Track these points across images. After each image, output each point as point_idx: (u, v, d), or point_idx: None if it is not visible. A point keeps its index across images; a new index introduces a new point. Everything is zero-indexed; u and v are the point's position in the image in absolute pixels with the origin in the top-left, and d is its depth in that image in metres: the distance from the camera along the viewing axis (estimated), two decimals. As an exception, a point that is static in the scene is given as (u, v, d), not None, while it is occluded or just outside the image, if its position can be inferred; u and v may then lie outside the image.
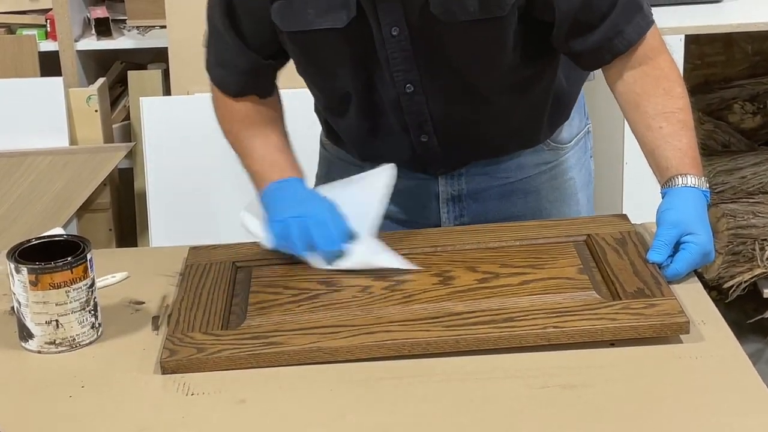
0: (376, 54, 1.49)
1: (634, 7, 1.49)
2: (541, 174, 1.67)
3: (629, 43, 1.49)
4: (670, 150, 1.47)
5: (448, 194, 1.65)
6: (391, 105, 1.54)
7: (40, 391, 1.26)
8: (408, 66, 1.49)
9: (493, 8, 1.43)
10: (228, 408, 1.21)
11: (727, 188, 2.94)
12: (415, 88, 1.51)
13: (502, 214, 1.65)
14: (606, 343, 1.28)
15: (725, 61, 3.31)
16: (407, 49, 1.48)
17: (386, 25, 1.46)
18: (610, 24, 1.47)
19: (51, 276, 1.30)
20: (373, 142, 1.61)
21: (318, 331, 1.30)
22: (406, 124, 1.56)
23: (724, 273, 2.87)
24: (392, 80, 1.51)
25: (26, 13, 3.04)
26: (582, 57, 1.52)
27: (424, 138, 1.57)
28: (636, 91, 1.51)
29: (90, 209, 3.01)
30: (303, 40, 1.50)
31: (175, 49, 2.87)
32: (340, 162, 1.71)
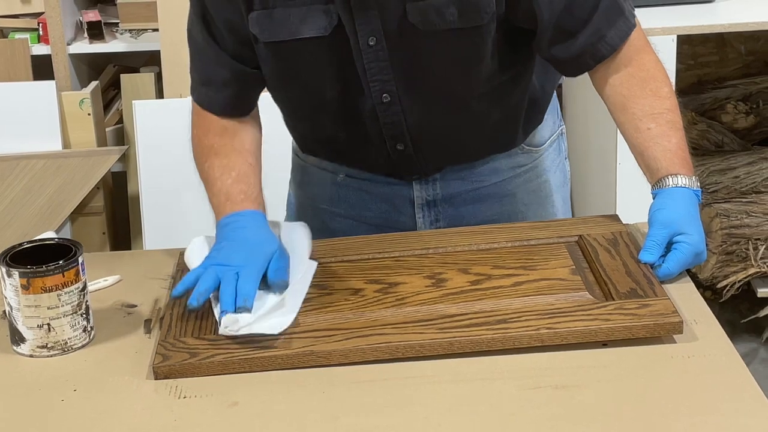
0: (353, 63, 1.48)
1: (616, 11, 1.48)
2: (515, 177, 1.67)
3: (612, 48, 1.49)
4: (660, 151, 1.47)
5: (423, 199, 1.65)
6: (367, 114, 1.54)
7: (32, 395, 1.26)
8: (385, 76, 1.49)
9: (472, 17, 1.43)
10: (220, 411, 1.20)
11: (720, 188, 2.95)
12: (392, 98, 1.51)
13: (478, 218, 1.65)
14: (598, 344, 1.28)
15: (718, 61, 3.32)
16: (384, 60, 1.47)
17: (363, 35, 1.45)
18: (592, 29, 1.47)
19: (43, 280, 1.30)
20: (349, 150, 1.61)
21: (311, 335, 1.29)
22: (382, 133, 1.55)
23: (718, 273, 2.87)
24: (369, 90, 1.50)
25: (18, 17, 3.04)
26: (566, 63, 1.52)
27: (400, 146, 1.57)
28: (623, 93, 1.50)
29: (83, 213, 3.01)
30: (282, 49, 1.48)
31: (168, 52, 2.87)
32: (316, 169, 1.70)
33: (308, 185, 1.72)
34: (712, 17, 2.69)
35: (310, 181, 1.71)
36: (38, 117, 2.91)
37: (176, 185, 2.84)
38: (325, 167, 1.68)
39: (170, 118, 2.85)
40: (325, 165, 1.68)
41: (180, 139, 2.81)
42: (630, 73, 1.50)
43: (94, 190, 2.97)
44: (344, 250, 1.51)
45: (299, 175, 1.75)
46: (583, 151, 3.00)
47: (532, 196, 1.69)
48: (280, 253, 1.40)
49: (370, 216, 1.66)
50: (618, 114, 1.52)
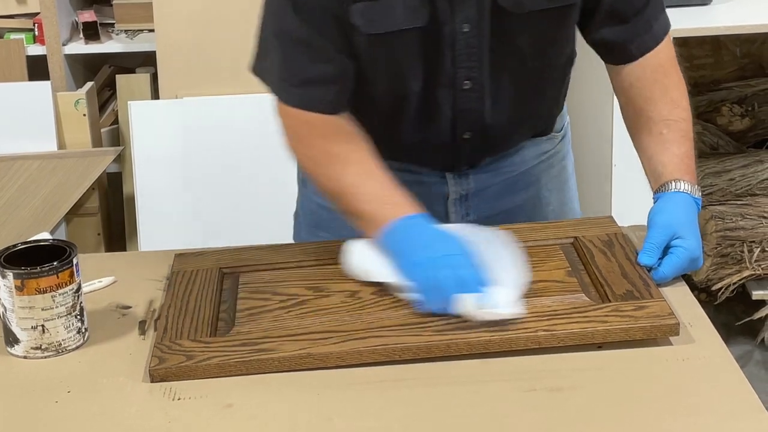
0: (442, 52, 1.47)
1: (660, 7, 1.54)
2: (540, 163, 1.68)
3: (657, 41, 1.53)
4: (668, 155, 1.49)
5: (458, 194, 1.65)
6: (445, 102, 1.53)
7: (26, 397, 1.25)
8: (472, 63, 1.49)
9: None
10: (214, 413, 1.20)
11: (715, 190, 2.95)
12: (473, 84, 1.51)
13: (505, 207, 1.66)
14: (593, 346, 1.28)
15: (714, 63, 3.32)
16: (474, 46, 1.47)
17: (459, 21, 1.45)
18: (643, 19, 1.52)
19: (37, 281, 1.30)
20: (412, 142, 1.58)
21: (308, 337, 1.29)
22: (455, 120, 1.55)
23: (712, 275, 2.87)
24: (453, 77, 1.50)
25: (14, 17, 3.04)
26: (611, 48, 1.55)
27: (467, 135, 1.57)
28: (644, 96, 1.54)
29: (78, 213, 3.00)
30: (380, 41, 1.45)
31: (164, 53, 2.87)
32: None
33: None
34: (708, 19, 2.69)
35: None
36: (33, 117, 2.91)
37: (171, 186, 2.84)
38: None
39: (166, 119, 2.85)
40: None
41: (175, 139, 2.83)
42: (656, 78, 1.54)
43: (90, 190, 2.97)
44: (340, 252, 1.51)
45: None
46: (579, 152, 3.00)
47: (554, 182, 1.70)
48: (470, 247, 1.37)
49: None
50: (634, 115, 1.55)
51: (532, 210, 1.67)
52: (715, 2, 2.77)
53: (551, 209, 1.70)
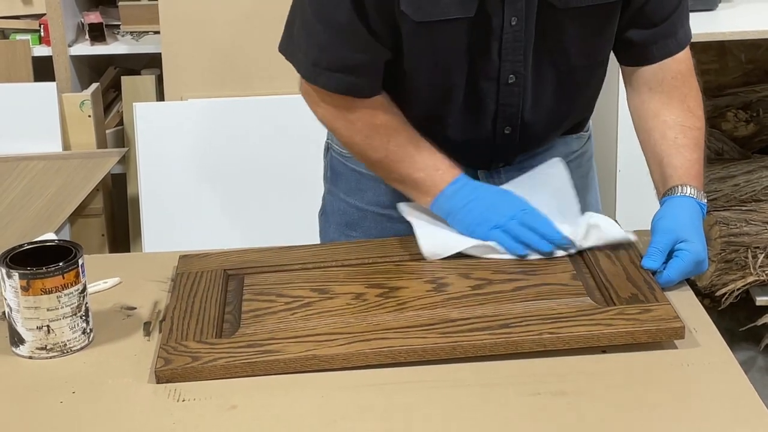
0: (487, 45, 1.48)
1: (686, 15, 1.56)
2: (569, 163, 1.67)
3: (680, 47, 1.55)
4: (680, 160, 1.50)
5: None
6: (487, 95, 1.53)
7: (30, 397, 1.25)
8: (517, 57, 1.49)
9: None
10: (219, 414, 1.20)
11: (720, 196, 2.95)
12: (517, 78, 1.51)
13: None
14: (598, 350, 1.28)
15: (719, 69, 3.32)
16: (520, 40, 1.48)
17: (508, 14, 1.45)
18: (670, 23, 1.53)
19: (42, 281, 1.30)
20: (450, 136, 1.58)
21: (313, 339, 1.29)
22: (497, 115, 1.55)
23: (716, 280, 2.87)
24: (498, 70, 1.50)
25: (20, 18, 3.04)
26: (633, 48, 1.55)
27: (508, 130, 1.57)
28: (663, 100, 1.55)
29: (83, 214, 3.00)
30: (427, 30, 1.45)
31: (169, 54, 2.87)
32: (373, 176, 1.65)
33: (366, 191, 1.68)
34: (713, 25, 2.69)
35: (368, 187, 1.67)
36: (38, 118, 2.91)
37: (176, 187, 2.84)
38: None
39: (170, 121, 2.85)
40: None
41: (180, 141, 2.83)
42: (675, 85, 1.55)
43: (94, 191, 2.97)
44: (345, 254, 1.51)
45: (353, 182, 1.69)
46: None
47: (581, 182, 1.70)
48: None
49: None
50: (648, 119, 1.56)
51: None
52: (720, 7, 2.77)
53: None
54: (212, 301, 1.40)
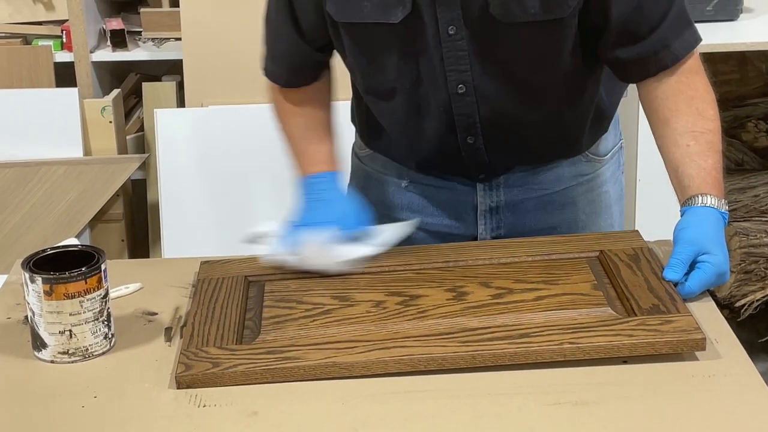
0: (428, 53, 1.48)
1: (684, 22, 1.50)
2: (578, 186, 1.67)
3: (677, 58, 1.49)
4: (695, 168, 1.47)
5: (486, 206, 1.65)
6: (440, 105, 1.53)
7: (52, 401, 1.26)
8: (462, 66, 1.49)
9: (555, 9, 1.44)
10: (240, 420, 1.20)
11: (739, 207, 2.94)
12: (467, 89, 1.51)
13: (539, 226, 1.65)
14: (619, 360, 1.28)
15: (739, 79, 3.31)
16: (462, 49, 1.47)
17: (443, 23, 1.45)
18: (658, 37, 1.48)
19: (65, 286, 1.30)
20: (419, 141, 1.60)
21: (333, 346, 1.29)
22: (454, 124, 1.55)
23: (736, 291, 2.86)
24: (444, 80, 1.50)
25: (42, 24, 3.06)
26: (626, 67, 1.52)
27: (471, 140, 1.57)
28: (669, 108, 1.51)
29: (103, 220, 3.02)
30: (356, 31, 1.50)
31: (190, 61, 2.88)
32: (379, 175, 1.71)
33: (370, 191, 1.71)
34: (735, 35, 2.68)
35: (372, 186, 1.71)
36: (60, 124, 2.92)
37: (196, 194, 2.85)
38: (389, 172, 1.69)
39: (191, 127, 2.86)
40: (389, 170, 1.69)
41: (200, 147, 2.84)
42: (679, 89, 1.50)
43: (114, 197, 2.98)
44: (366, 261, 1.51)
45: (360, 181, 1.75)
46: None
47: (592, 206, 1.69)
48: (359, 210, 1.55)
49: (432, 223, 1.67)
50: (659, 127, 1.53)
51: (567, 233, 1.65)
52: (742, 18, 2.76)
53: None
54: (233, 308, 1.40)
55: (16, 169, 2.91)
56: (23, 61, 2.99)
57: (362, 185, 1.74)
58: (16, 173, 2.91)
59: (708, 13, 2.72)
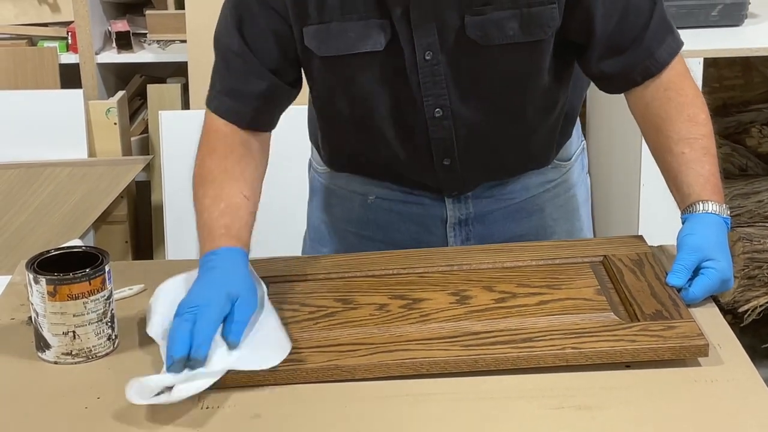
0: (405, 78, 1.47)
1: (665, 29, 1.49)
2: (545, 192, 1.67)
3: (662, 65, 1.49)
4: (692, 176, 1.47)
5: (456, 218, 1.65)
6: (417, 129, 1.53)
7: (55, 402, 1.26)
8: (439, 90, 1.48)
9: (534, 31, 1.43)
10: (242, 422, 1.21)
11: (743, 212, 2.93)
12: (444, 112, 1.50)
13: (507, 234, 1.65)
14: (622, 365, 1.28)
15: (743, 84, 3.31)
16: (439, 74, 1.46)
17: (420, 49, 1.44)
18: (643, 46, 1.47)
19: (69, 287, 1.31)
20: (393, 165, 1.60)
21: (336, 349, 1.29)
22: (430, 147, 1.55)
23: (739, 297, 2.86)
24: (421, 105, 1.49)
25: (48, 26, 3.07)
26: (612, 79, 1.51)
27: (447, 162, 1.56)
28: (660, 116, 1.50)
29: (107, 221, 3.02)
30: (337, 64, 1.47)
31: (195, 63, 2.89)
32: (344, 191, 1.69)
33: (335, 207, 1.70)
34: (739, 41, 2.68)
35: (336, 203, 1.70)
36: (65, 125, 2.93)
37: (200, 196, 2.84)
38: (354, 189, 1.67)
39: (195, 130, 2.83)
40: (354, 187, 1.67)
41: (205, 150, 2.84)
42: (669, 96, 1.49)
43: (118, 198, 2.99)
44: (369, 265, 1.51)
45: (323, 198, 1.72)
46: (607, 172, 3.00)
47: (560, 211, 1.69)
48: (245, 300, 1.31)
49: (399, 238, 1.65)
50: (652, 136, 1.52)
51: (535, 239, 1.65)
52: (746, 23, 2.76)
53: (556, 239, 1.68)
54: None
55: (20, 170, 2.91)
56: (29, 62, 3.00)
57: (325, 202, 1.72)
58: (20, 174, 2.91)
59: (713, 19, 2.72)
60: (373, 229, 1.68)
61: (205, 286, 1.33)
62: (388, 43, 1.44)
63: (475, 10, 1.42)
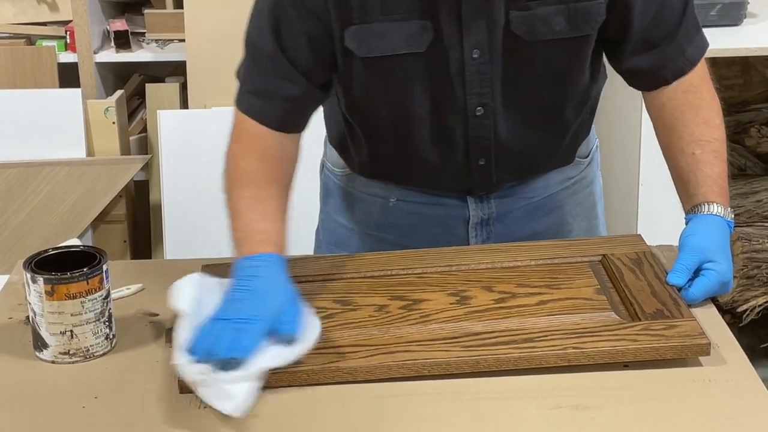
0: (448, 78, 1.46)
1: (696, 28, 1.51)
2: (564, 190, 1.67)
3: (692, 64, 1.50)
4: (701, 177, 1.48)
5: (478, 218, 1.64)
6: (456, 128, 1.51)
7: (53, 401, 1.26)
8: (483, 89, 1.47)
9: (582, 26, 1.44)
10: (240, 422, 1.20)
11: (742, 212, 2.93)
12: (485, 111, 1.49)
13: (527, 232, 1.65)
14: (620, 365, 1.27)
15: (743, 84, 3.30)
16: (485, 72, 1.46)
17: (468, 47, 1.43)
18: (675, 43, 1.49)
19: (67, 286, 1.30)
20: (426, 165, 1.57)
21: (336, 351, 1.29)
22: (467, 147, 1.53)
23: (738, 297, 2.85)
24: (464, 103, 1.48)
25: (46, 25, 3.06)
26: (642, 75, 1.52)
27: (482, 161, 1.55)
28: (676, 116, 1.51)
29: (105, 221, 3.02)
30: (378, 65, 1.45)
31: (194, 63, 2.89)
32: (364, 195, 1.67)
33: (354, 211, 1.68)
34: (738, 41, 2.68)
35: (356, 206, 1.68)
36: (63, 124, 2.93)
37: (198, 195, 2.85)
38: (375, 192, 1.65)
39: (194, 129, 2.86)
40: (374, 190, 1.65)
41: (203, 149, 2.84)
42: (687, 98, 1.51)
43: (117, 198, 2.99)
44: (369, 265, 1.51)
45: (342, 201, 1.70)
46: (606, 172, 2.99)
47: (579, 208, 1.69)
48: (292, 303, 1.32)
49: (419, 240, 1.63)
50: (666, 135, 1.53)
51: (554, 236, 1.65)
52: (745, 23, 2.76)
53: (574, 235, 1.68)
54: None
55: (19, 170, 2.91)
56: (27, 61, 2.99)
57: (342, 205, 1.70)
58: (19, 173, 2.91)
59: (712, 18, 2.72)
60: (393, 232, 1.66)
61: (250, 297, 1.30)
62: (431, 43, 1.43)
63: (520, 5, 1.42)
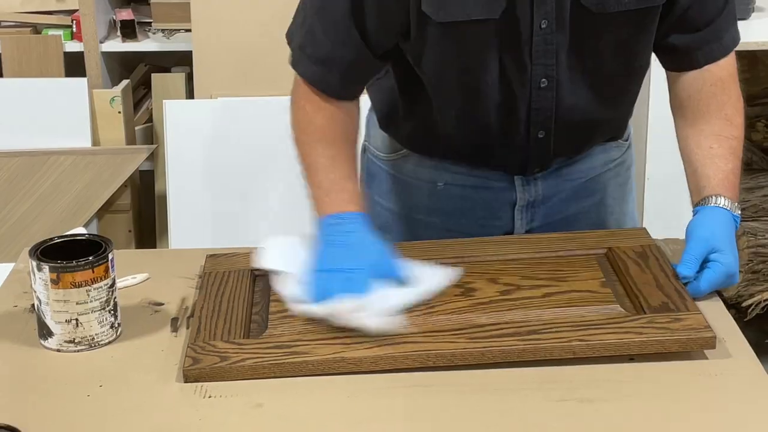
0: (516, 48, 1.46)
1: (733, 18, 1.53)
2: (607, 171, 1.67)
3: (725, 51, 1.52)
4: (714, 170, 1.49)
5: (525, 200, 1.63)
6: (520, 99, 1.51)
7: (58, 390, 1.26)
8: (548, 60, 1.47)
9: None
10: (245, 412, 1.20)
11: (748, 206, 2.93)
12: (549, 82, 1.49)
13: (568, 212, 1.65)
14: (625, 358, 1.27)
15: (749, 79, 3.29)
16: (551, 43, 1.46)
17: (538, 17, 1.44)
18: (714, 28, 1.50)
19: (72, 275, 1.30)
20: (485, 137, 1.57)
21: (341, 341, 1.29)
22: (528, 119, 1.53)
23: (743, 291, 2.85)
24: (530, 74, 1.48)
25: (52, 14, 3.06)
26: (676, 54, 1.53)
27: (542, 134, 1.55)
28: (699, 109, 1.53)
29: (110, 210, 3.02)
30: (451, 30, 1.44)
31: (200, 53, 2.88)
32: (410, 179, 1.66)
33: (401, 194, 1.67)
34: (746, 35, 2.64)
35: (403, 190, 1.67)
36: (69, 113, 2.93)
37: (203, 185, 2.85)
38: (422, 176, 1.65)
39: (200, 119, 2.86)
40: (421, 174, 1.65)
41: (208, 139, 2.84)
42: (713, 92, 1.52)
43: (122, 187, 2.99)
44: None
45: (388, 185, 1.69)
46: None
47: (619, 190, 1.70)
48: (390, 256, 1.39)
49: (466, 224, 1.63)
50: (685, 126, 1.54)
51: (596, 217, 1.66)
52: (753, 17, 2.76)
53: (614, 218, 1.69)
54: (240, 302, 1.40)
55: (24, 159, 2.91)
56: (33, 50, 2.99)
57: (388, 189, 1.69)
58: (24, 162, 2.91)
59: (719, 12, 2.70)
60: (440, 217, 1.66)
61: (349, 251, 1.38)
62: (504, 11, 1.43)
63: None
